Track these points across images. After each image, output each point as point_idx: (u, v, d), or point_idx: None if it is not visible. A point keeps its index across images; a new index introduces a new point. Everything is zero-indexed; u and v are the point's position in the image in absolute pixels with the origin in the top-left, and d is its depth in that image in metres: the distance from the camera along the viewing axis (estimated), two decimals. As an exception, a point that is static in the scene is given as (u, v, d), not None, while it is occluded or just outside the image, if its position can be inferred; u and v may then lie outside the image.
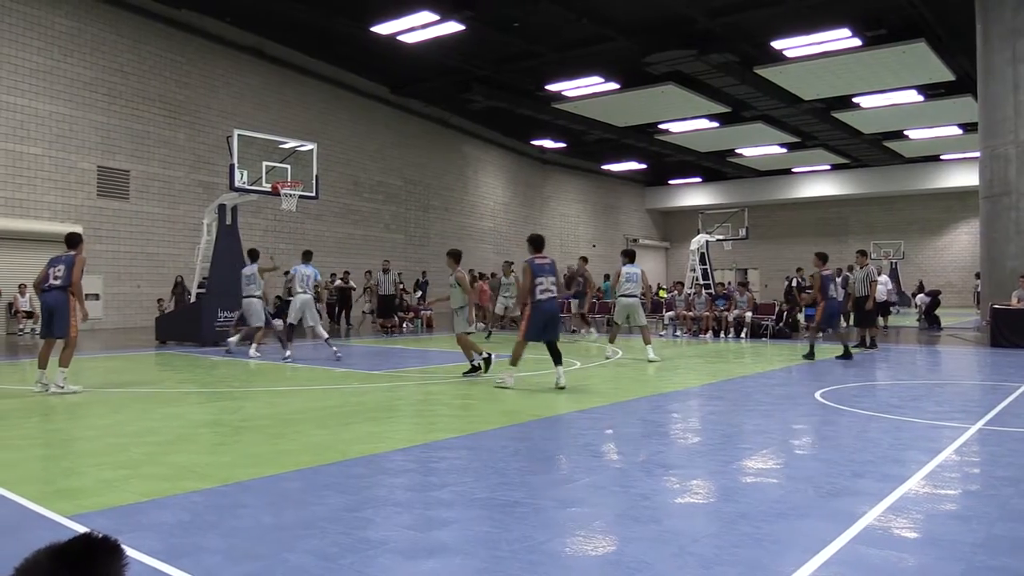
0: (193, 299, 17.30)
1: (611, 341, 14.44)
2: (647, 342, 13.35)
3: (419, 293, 24.68)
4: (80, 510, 4.17)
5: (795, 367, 12.33)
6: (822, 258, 14.03)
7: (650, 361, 12.72)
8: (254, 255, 14.91)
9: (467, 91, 27.82)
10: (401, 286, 22.63)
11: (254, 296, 14.21)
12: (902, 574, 3.30)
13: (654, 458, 5.61)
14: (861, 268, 15.93)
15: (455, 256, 11.18)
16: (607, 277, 28.60)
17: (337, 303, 23.55)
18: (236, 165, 15.78)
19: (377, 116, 30.00)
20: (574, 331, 21.77)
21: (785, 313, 20.22)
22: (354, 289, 23.70)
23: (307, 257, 14.23)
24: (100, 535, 1.42)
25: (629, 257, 14.26)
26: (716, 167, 40.96)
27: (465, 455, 5.62)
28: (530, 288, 9.36)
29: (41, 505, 4.25)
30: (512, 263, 19.73)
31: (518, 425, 6.93)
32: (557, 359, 9.54)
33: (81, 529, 3.60)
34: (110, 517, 4.04)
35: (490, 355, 11.00)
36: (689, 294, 22.35)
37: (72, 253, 9.34)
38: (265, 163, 16.78)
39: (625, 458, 5.71)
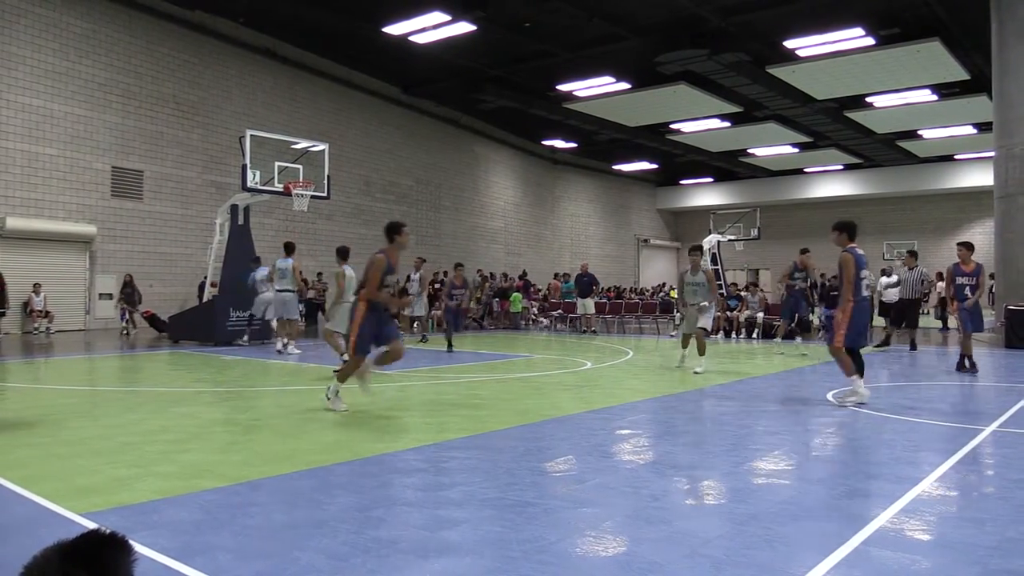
0: (207, 299, 17.39)
1: (691, 348, 12.11)
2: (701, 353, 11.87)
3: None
4: (94, 508, 4.19)
5: (807, 368, 12.28)
6: (970, 248, 11.50)
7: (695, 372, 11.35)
8: (290, 248, 14.65)
9: (478, 91, 27.83)
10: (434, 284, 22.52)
11: (288, 290, 14.33)
12: (915, 576, 3.28)
13: (665, 459, 5.60)
14: (910, 270, 15.43)
15: (340, 253, 11.53)
16: (567, 277, 28.39)
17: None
18: (248, 165, 15.86)
19: (389, 116, 30.05)
20: (585, 331, 21.79)
21: (797, 314, 20.11)
22: None
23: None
24: (108, 531, 1.42)
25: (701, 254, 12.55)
26: (728, 167, 40.82)
27: (476, 455, 5.62)
28: (854, 283, 7.96)
29: (55, 503, 4.28)
30: (424, 259, 18.99)
31: (529, 425, 6.93)
32: (861, 368, 8.20)
33: (94, 527, 3.62)
34: (123, 515, 4.07)
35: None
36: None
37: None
38: (277, 163, 16.85)
39: (636, 459, 5.71)
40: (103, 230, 21.61)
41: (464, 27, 20.65)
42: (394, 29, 21.10)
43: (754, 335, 19.34)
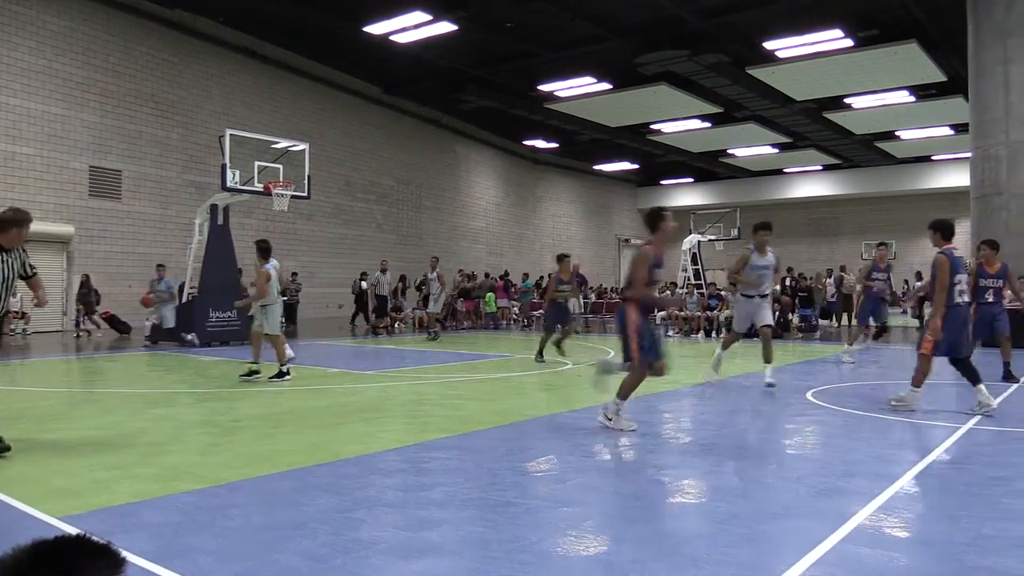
0: (185, 299, 17.25)
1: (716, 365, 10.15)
2: (767, 360, 9.50)
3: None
4: (71, 511, 4.15)
5: (787, 367, 12.34)
6: (995, 247, 10.56)
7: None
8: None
9: (460, 91, 27.80)
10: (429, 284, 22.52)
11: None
12: (893, 574, 3.31)
13: (646, 458, 5.62)
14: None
15: (261, 250, 10.49)
16: (526, 276, 28.16)
17: (356, 304, 23.44)
18: (228, 165, 15.74)
19: (369, 116, 29.96)
20: (579, 332, 21.81)
21: (777, 313, 20.25)
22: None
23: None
24: (96, 540, 1.37)
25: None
26: (708, 167, 41.01)
27: (457, 455, 5.61)
28: (948, 287, 7.32)
29: (32, 506, 4.23)
30: (438, 258, 19.39)
31: (510, 425, 6.93)
32: (974, 378, 7.53)
33: (72, 530, 3.59)
34: (101, 518, 4.03)
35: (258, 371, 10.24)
36: (681, 294, 22.40)
37: None
38: (257, 163, 16.74)
39: (617, 458, 5.72)
40: (81, 230, 21.39)
41: (445, 27, 20.62)
42: (375, 29, 21.03)
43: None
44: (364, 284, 22.65)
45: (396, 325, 21.53)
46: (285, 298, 22.38)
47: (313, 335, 20.02)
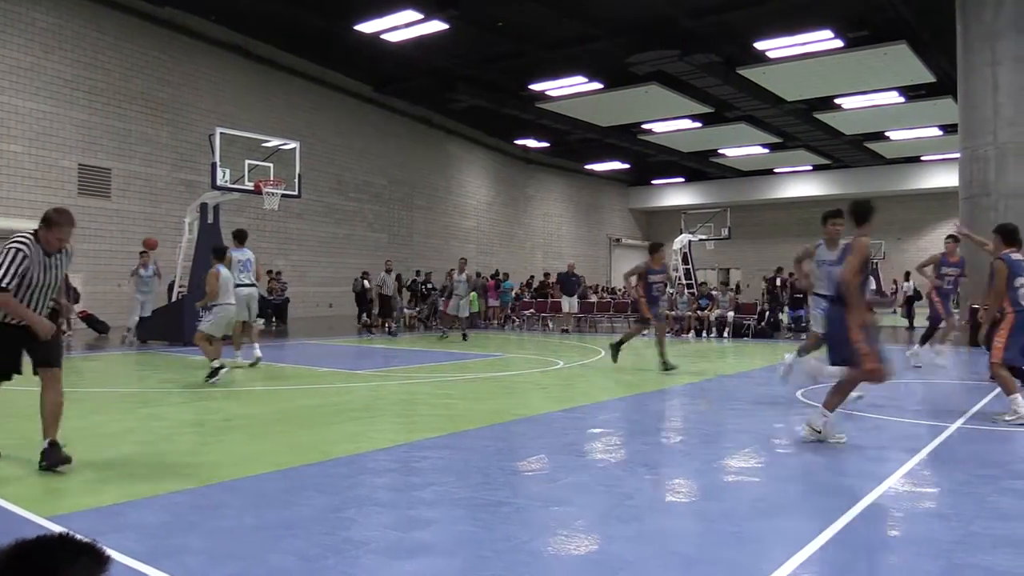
0: (175, 298, 17.19)
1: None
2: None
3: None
4: (60, 511, 4.13)
5: (778, 366, 12.35)
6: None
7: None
8: (243, 237, 12.47)
9: (451, 90, 27.76)
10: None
11: (253, 285, 12.19)
12: (883, 572, 3.33)
13: (637, 457, 5.63)
14: None
15: (216, 253, 10.93)
16: (507, 276, 28.07)
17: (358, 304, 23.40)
18: (218, 163, 15.69)
19: (361, 115, 29.89)
20: (566, 330, 21.83)
21: (767, 313, 20.35)
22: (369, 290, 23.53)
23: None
24: (77, 538, 1.37)
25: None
26: (699, 167, 41.10)
27: (448, 455, 5.61)
28: (1006, 291, 7.29)
29: (21, 506, 4.21)
30: (466, 260, 19.62)
31: (501, 425, 6.93)
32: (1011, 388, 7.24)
33: (58, 530, 3.57)
34: (91, 518, 4.02)
35: (221, 365, 9.78)
36: (671, 294, 22.46)
37: None
38: (248, 161, 16.69)
39: (608, 457, 5.73)
40: (69, 229, 21.25)
41: (436, 26, 20.57)
42: (366, 27, 20.97)
43: (724, 334, 19.52)
44: (368, 283, 22.61)
45: (390, 325, 21.47)
46: (272, 298, 22.41)
47: (304, 335, 19.98)
